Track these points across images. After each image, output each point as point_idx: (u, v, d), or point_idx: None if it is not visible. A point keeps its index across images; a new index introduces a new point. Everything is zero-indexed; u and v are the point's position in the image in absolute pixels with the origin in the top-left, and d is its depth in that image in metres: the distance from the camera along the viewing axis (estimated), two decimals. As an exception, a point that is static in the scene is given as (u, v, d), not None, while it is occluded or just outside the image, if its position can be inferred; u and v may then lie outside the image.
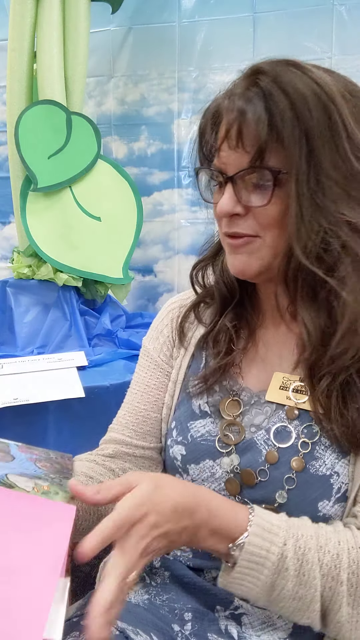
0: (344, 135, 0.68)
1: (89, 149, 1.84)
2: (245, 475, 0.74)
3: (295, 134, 0.66)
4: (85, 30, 1.81)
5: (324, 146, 0.67)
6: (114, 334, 1.86)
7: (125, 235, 1.90)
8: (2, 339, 1.86)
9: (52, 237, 1.81)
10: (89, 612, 0.53)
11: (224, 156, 0.72)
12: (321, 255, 0.69)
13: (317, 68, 0.71)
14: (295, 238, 0.68)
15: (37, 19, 1.77)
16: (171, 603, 0.76)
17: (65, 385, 1.46)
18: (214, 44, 1.98)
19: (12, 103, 1.81)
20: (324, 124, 0.67)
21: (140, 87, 2.10)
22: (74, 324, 1.82)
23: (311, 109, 0.66)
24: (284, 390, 0.76)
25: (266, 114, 0.67)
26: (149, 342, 0.89)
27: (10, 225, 2.27)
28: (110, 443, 0.87)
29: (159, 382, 0.87)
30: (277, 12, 1.90)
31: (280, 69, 0.69)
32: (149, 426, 0.86)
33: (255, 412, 0.78)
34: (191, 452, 0.78)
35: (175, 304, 0.90)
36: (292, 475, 0.72)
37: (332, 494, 0.71)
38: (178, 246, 2.12)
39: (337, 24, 1.85)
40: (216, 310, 0.83)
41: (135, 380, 0.89)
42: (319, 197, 0.67)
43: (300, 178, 0.67)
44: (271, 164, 0.68)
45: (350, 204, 0.68)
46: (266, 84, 0.68)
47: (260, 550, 0.63)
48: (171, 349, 0.87)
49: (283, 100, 0.66)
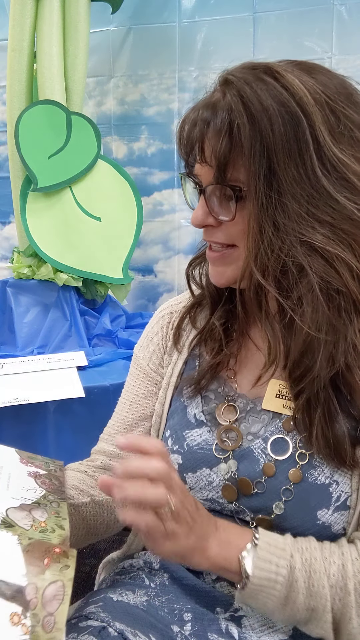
0: (313, 147, 0.64)
1: (89, 149, 1.83)
2: (242, 484, 0.74)
3: (256, 149, 0.63)
4: (85, 30, 1.81)
5: (287, 161, 0.63)
6: (114, 334, 1.86)
7: (125, 235, 1.90)
8: (2, 339, 1.86)
9: (52, 237, 1.81)
10: None
11: (197, 168, 0.71)
12: (279, 275, 0.66)
13: (298, 68, 0.67)
14: (252, 257, 0.67)
15: (37, 19, 1.77)
16: (170, 604, 0.76)
17: (65, 385, 1.46)
18: (214, 44, 1.98)
19: (12, 103, 1.81)
20: (289, 138, 0.63)
21: (140, 87, 2.10)
22: (74, 324, 1.82)
23: (273, 123, 0.63)
24: (280, 399, 0.75)
25: (227, 128, 0.64)
26: (139, 350, 0.89)
27: (10, 225, 2.27)
28: (100, 454, 0.87)
29: (147, 391, 0.86)
30: (277, 12, 1.89)
31: (250, 78, 0.65)
32: (137, 434, 0.85)
33: (252, 420, 0.77)
34: (188, 461, 0.77)
35: (166, 310, 0.89)
36: (289, 487, 0.72)
37: (331, 502, 0.71)
38: (178, 246, 2.12)
39: (337, 24, 1.85)
40: (209, 310, 0.82)
41: (126, 388, 0.89)
42: (279, 216, 0.64)
43: (259, 196, 0.64)
44: (234, 179, 0.66)
45: (312, 224, 0.65)
46: (230, 96, 0.65)
47: (270, 565, 0.64)
48: (161, 357, 0.86)
49: (243, 114, 0.63)
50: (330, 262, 0.65)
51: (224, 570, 0.67)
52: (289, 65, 0.67)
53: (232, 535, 0.67)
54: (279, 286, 0.67)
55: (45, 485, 0.71)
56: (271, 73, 0.65)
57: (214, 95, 0.68)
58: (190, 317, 0.84)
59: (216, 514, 0.77)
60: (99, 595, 0.78)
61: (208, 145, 0.67)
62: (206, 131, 0.67)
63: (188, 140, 0.69)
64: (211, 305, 0.81)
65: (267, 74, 0.65)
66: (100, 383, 1.48)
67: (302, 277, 0.66)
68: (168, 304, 0.91)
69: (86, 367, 1.60)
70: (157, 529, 0.60)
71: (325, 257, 0.65)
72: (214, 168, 0.67)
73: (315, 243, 0.64)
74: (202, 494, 0.76)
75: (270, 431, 0.75)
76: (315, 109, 0.64)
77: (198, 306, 0.84)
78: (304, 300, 0.66)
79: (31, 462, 0.74)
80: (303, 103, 0.63)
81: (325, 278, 0.65)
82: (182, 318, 0.85)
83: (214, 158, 0.66)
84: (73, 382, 1.47)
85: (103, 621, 0.70)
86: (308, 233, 0.65)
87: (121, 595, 0.77)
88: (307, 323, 0.66)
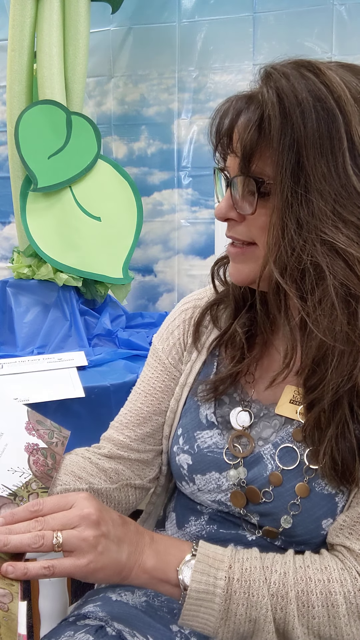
0: (347, 145, 0.62)
1: (89, 149, 1.83)
2: (250, 492, 0.74)
3: (285, 142, 0.62)
4: (85, 30, 1.81)
5: (317, 157, 0.62)
6: (114, 334, 1.86)
7: (125, 235, 1.90)
8: (2, 339, 1.86)
9: (52, 237, 1.81)
10: None
11: (228, 159, 0.70)
12: (297, 276, 0.64)
13: (343, 68, 0.66)
14: (272, 254, 0.65)
15: (37, 19, 1.77)
16: (170, 604, 0.76)
17: (65, 385, 1.46)
18: (214, 44, 1.98)
19: (12, 103, 1.81)
20: (322, 133, 0.62)
21: (140, 87, 2.10)
22: (74, 324, 1.82)
23: (306, 117, 0.61)
24: (294, 405, 0.73)
25: (257, 118, 0.64)
26: (159, 341, 0.86)
27: (10, 225, 2.27)
28: (109, 442, 0.86)
29: (164, 385, 0.84)
30: (277, 12, 1.89)
31: (290, 72, 0.64)
32: (149, 428, 0.84)
33: (264, 425, 0.76)
34: (198, 463, 0.77)
35: (189, 304, 0.86)
36: (296, 501, 0.71)
37: (336, 512, 0.70)
38: (178, 246, 2.12)
39: (337, 24, 1.85)
40: (231, 313, 0.80)
41: (141, 378, 0.87)
42: (302, 213, 0.63)
43: (284, 190, 0.63)
44: (259, 172, 0.65)
45: (337, 223, 0.63)
46: (267, 89, 0.64)
47: (208, 578, 0.63)
48: (181, 352, 0.84)
49: (276, 106, 0.62)
50: (352, 266, 0.63)
51: (163, 584, 0.65)
52: (333, 65, 0.67)
53: (169, 547, 0.66)
54: (298, 287, 0.65)
55: (36, 466, 0.70)
56: (313, 69, 0.64)
57: (255, 89, 0.67)
58: (211, 314, 0.82)
59: (224, 517, 0.77)
60: (98, 594, 0.78)
61: (236, 135, 0.66)
62: (236, 121, 0.66)
63: (217, 129, 0.69)
64: (235, 310, 0.79)
65: (308, 70, 0.64)
66: (100, 383, 1.48)
67: (320, 279, 0.63)
68: (191, 297, 0.88)
69: (86, 367, 1.60)
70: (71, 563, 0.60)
71: (346, 260, 0.63)
72: (240, 159, 0.66)
73: (338, 243, 0.62)
74: (211, 495, 0.76)
75: (281, 437, 0.74)
76: (353, 109, 0.63)
77: (221, 303, 0.82)
78: (321, 304, 0.64)
79: (36, 430, 0.74)
80: (341, 101, 0.62)
81: (344, 282, 0.63)
82: (202, 315, 0.82)
83: (240, 147, 0.65)
84: (73, 382, 1.47)
85: (101, 620, 0.70)
86: (331, 232, 0.62)
87: (120, 595, 0.77)
88: (322, 329, 0.63)
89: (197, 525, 0.79)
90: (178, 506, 0.84)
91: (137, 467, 0.84)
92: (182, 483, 0.79)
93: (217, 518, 0.77)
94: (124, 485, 0.82)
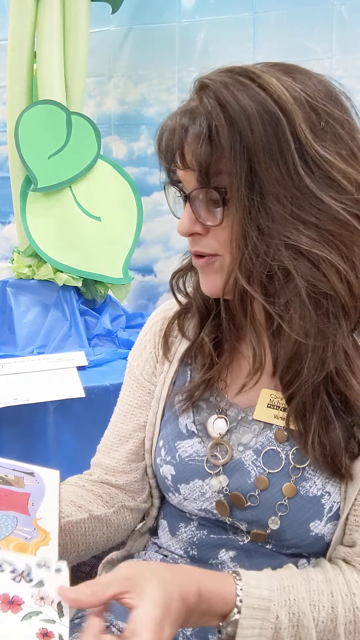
0: (295, 146, 0.61)
1: (89, 149, 1.84)
2: (234, 499, 0.73)
3: (235, 150, 0.61)
4: (85, 30, 1.81)
5: (268, 162, 0.61)
6: (114, 334, 1.86)
7: (125, 235, 1.90)
8: (2, 339, 1.86)
9: (52, 237, 1.81)
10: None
11: (180, 174, 0.69)
12: (265, 281, 0.65)
13: (275, 68, 0.66)
14: (237, 262, 0.65)
15: (37, 19, 1.77)
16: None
17: (65, 385, 1.46)
18: (214, 44, 1.98)
19: (12, 103, 1.81)
20: (269, 137, 0.61)
21: (140, 87, 2.10)
22: (74, 324, 1.82)
23: (252, 123, 0.61)
24: (272, 409, 0.74)
25: (206, 131, 0.63)
26: (133, 358, 0.87)
27: (10, 225, 2.27)
28: (97, 467, 0.86)
29: (141, 400, 0.85)
30: (277, 12, 1.89)
31: (226, 80, 0.64)
32: (132, 444, 0.84)
33: (243, 430, 0.76)
34: (180, 472, 0.77)
35: (159, 317, 0.87)
36: (284, 501, 0.71)
37: (323, 513, 0.70)
38: (178, 246, 2.12)
39: (337, 24, 1.85)
40: (197, 322, 0.80)
41: (120, 398, 0.88)
42: (262, 219, 0.62)
43: (242, 199, 0.62)
44: (217, 182, 0.64)
45: (297, 226, 0.62)
46: (207, 100, 0.64)
47: (254, 630, 0.61)
48: (154, 365, 0.85)
49: (221, 116, 0.62)
50: (317, 265, 0.63)
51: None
52: (266, 67, 0.66)
53: (214, 604, 0.62)
54: (266, 292, 0.65)
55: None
56: (248, 74, 0.64)
57: (191, 102, 0.67)
58: (179, 324, 0.82)
59: (211, 524, 0.77)
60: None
61: (188, 151, 0.65)
62: (185, 137, 0.65)
63: (167, 148, 0.68)
64: (200, 320, 0.79)
65: (243, 76, 0.64)
66: (100, 383, 1.48)
67: (288, 281, 0.64)
68: (161, 309, 0.89)
69: (86, 367, 1.60)
70: None
71: (311, 260, 0.63)
72: (197, 172, 0.65)
73: (301, 246, 0.62)
74: (197, 504, 0.76)
75: (261, 442, 0.73)
76: (294, 107, 0.62)
77: (188, 312, 0.82)
78: (291, 306, 0.64)
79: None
80: (282, 101, 0.62)
81: (312, 282, 0.63)
82: (169, 326, 0.83)
83: (195, 162, 0.65)
84: (73, 382, 1.47)
85: (106, 621, 0.70)
86: (293, 236, 0.62)
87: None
88: (295, 329, 0.64)
89: (187, 532, 0.79)
90: (167, 514, 0.84)
91: (129, 489, 0.85)
92: (168, 494, 0.79)
93: (206, 524, 0.78)
94: (120, 507, 0.83)
